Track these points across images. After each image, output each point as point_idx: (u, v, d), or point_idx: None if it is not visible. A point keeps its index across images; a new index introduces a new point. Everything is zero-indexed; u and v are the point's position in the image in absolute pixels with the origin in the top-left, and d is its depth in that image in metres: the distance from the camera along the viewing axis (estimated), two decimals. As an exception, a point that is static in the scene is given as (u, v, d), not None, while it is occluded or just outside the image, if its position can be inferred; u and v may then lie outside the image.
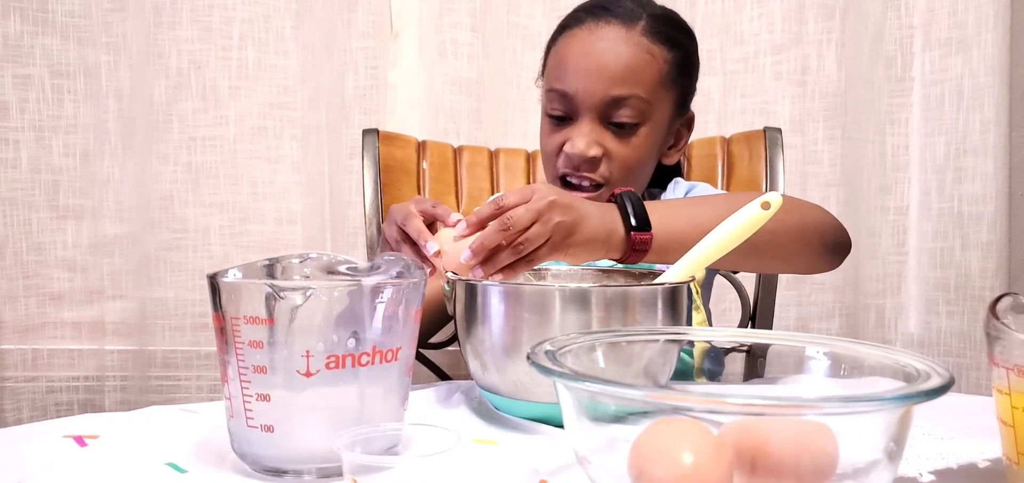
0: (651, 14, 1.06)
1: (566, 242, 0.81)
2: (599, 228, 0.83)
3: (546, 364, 0.51)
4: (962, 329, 1.66)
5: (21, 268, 1.60)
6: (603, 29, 1.04)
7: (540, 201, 0.79)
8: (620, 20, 1.04)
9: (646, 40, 1.04)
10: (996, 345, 0.54)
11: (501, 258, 0.79)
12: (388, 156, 1.34)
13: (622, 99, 1.02)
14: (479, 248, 0.79)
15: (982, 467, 0.62)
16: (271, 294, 0.58)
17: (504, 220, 0.78)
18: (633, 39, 1.03)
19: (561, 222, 0.80)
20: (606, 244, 0.84)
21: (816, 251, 0.98)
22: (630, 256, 0.85)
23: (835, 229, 0.99)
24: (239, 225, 1.63)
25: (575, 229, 0.81)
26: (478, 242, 0.79)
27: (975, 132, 1.63)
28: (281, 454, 0.60)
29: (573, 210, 0.81)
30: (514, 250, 0.79)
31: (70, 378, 1.63)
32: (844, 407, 0.46)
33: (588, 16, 1.06)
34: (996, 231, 1.62)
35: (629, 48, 1.03)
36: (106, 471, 0.61)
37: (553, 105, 1.06)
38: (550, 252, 0.80)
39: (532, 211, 0.79)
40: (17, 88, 1.57)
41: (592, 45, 1.04)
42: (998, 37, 1.60)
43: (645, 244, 0.85)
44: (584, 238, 0.82)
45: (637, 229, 0.84)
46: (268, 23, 1.61)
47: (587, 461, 0.52)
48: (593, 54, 1.03)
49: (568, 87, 1.04)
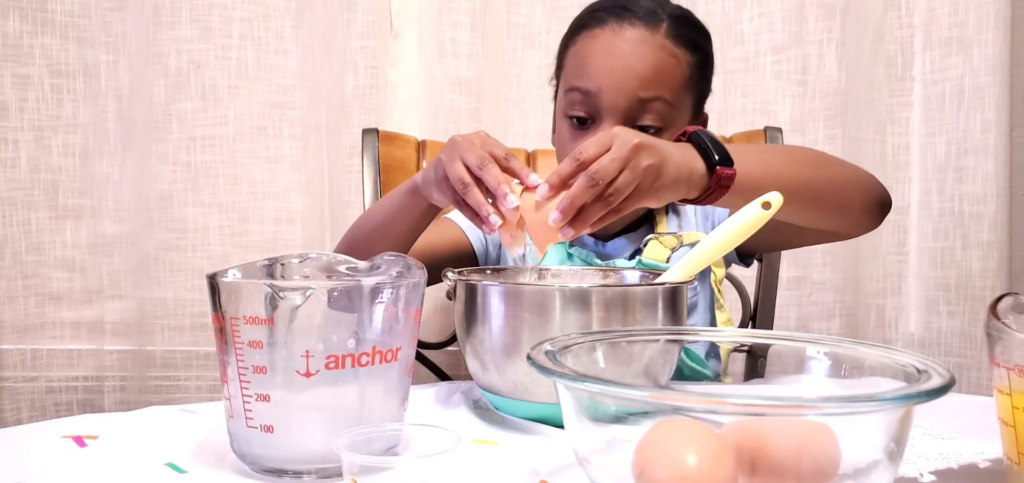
0: (671, 15, 1.04)
1: (654, 186, 0.79)
2: (682, 167, 0.81)
3: (546, 364, 0.51)
4: (963, 329, 1.66)
5: (20, 268, 1.60)
6: (627, 30, 1.02)
7: (624, 147, 0.77)
8: (643, 22, 1.02)
9: (670, 43, 1.02)
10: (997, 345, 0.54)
11: (591, 213, 0.77)
12: (388, 156, 1.34)
13: (647, 102, 1.00)
14: (568, 207, 0.76)
15: (983, 467, 0.62)
16: (271, 294, 0.58)
17: (592, 175, 0.76)
18: (657, 41, 1.01)
19: (650, 165, 0.78)
20: (688, 183, 0.82)
21: (868, 204, 0.98)
22: (712, 194, 0.84)
23: (879, 185, 1.00)
24: (238, 225, 1.63)
25: (662, 171, 0.79)
26: (566, 201, 0.76)
27: (976, 132, 1.63)
28: (281, 454, 0.60)
29: (657, 151, 0.79)
30: (604, 203, 0.77)
31: (69, 378, 1.63)
32: (845, 407, 0.46)
33: (609, 16, 1.03)
34: (997, 231, 1.62)
35: (654, 51, 1.01)
36: (105, 471, 0.61)
37: (575, 107, 1.03)
38: (639, 198, 0.78)
39: (619, 159, 0.76)
40: (16, 88, 1.57)
41: (617, 46, 1.02)
42: (999, 36, 1.60)
43: (729, 180, 0.83)
44: (670, 179, 0.80)
45: (721, 164, 0.82)
46: (267, 22, 1.61)
47: (587, 461, 0.51)
48: (618, 55, 1.01)
49: (591, 87, 1.01)
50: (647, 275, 0.87)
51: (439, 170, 0.85)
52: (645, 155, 0.77)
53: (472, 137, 0.84)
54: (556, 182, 0.78)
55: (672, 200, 0.83)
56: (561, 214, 0.76)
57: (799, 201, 0.82)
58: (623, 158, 0.76)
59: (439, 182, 0.86)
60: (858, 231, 1.03)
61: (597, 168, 0.76)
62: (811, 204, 0.92)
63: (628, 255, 1.09)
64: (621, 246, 1.10)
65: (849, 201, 0.96)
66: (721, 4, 1.65)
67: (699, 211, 1.14)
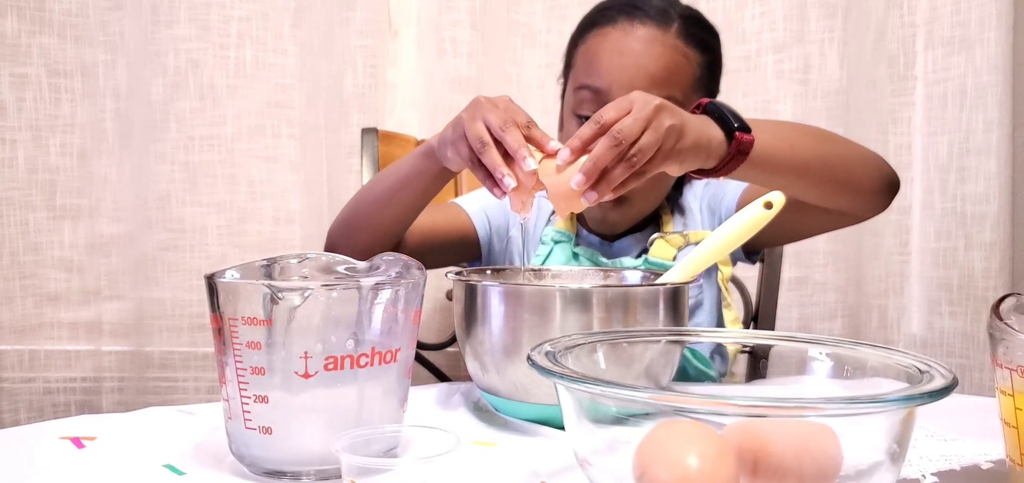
0: (682, 15, 1.04)
1: (677, 147, 0.78)
2: (702, 133, 0.81)
3: (546, 365, 0.50)
4: (965, 330, 1.66)
5: (18, 268, 1.59)
6: (638, 29, 1.02)
7: (646, 107, 0.76)
8: (654, 21, 1.02)
9: (681, 42, 1.02)
10: (999, 346, 0.53)
11: (615, 175, 0.76)
12: (387, 155, 1.34)
13: None
14: (592, 169, 0.75)
15: (985, 468, 0.62)
16: (269, 295, 0.58)
17: (615, 134, 0.75)
18: (668, 41, 1.01)
19: (672, 125, 0.77)
20: (707, 149, 0.82)
21: (878, 183, 0.97)
22: (731, 161, 0.83)
23: (888, 166, 0.99)
24: (237, 225, 1.63)
25: (684, 132, 0.79)
26: (590, 163, 0.75)
27: (978, 131, 1.62)
28: (279, 456, 0.60)
29: (678, 113, 0.79)
30: (628, 164, 0.76)
31: (67, 379, 1.63)
32: (847, 408, 0.46)
33: (620, 14, 1.03)
34: (999, 231, 1.62)
35: (665, 50, 1.01)
36: (103, 473, 0.61)
37: (584, 105, 1.03)
38: (662, 160, 0.78)
39: (641, 119, 0.76)
40: (14, 87, 1.57)
41: (628, 45, 1.01)
42: (1001, 36, 1.59)
43: (749, 146, 0.83)
44: (691, 142, 0.80)
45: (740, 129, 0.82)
46: (266, 21, 1.61)
47: (587, 463, 0.51)
48: (629, 54, 1.01)
49: (602, 84, 1.01)
50: (649, 274, 0.86)
51: (458, 128, 0.84)
52: (667, 115, 0.77)
53: (496, 100, 0.84)
54: (577, 146, 0.77)
55: (693, 167, 0.82)
56: (585, 177, 0.75)
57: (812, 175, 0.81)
58: (646, 118, 0.76)
59: (456, 140, 0.84)
60: (868, 211, 1.01)
61: (619, 128, 0.75)
62: (823, 179, 0.92)
63: (635, 255, 1.08)
64: (627, 245, 1.10)
65: (860, 178, 0.95)
66: (722, 3, 1.65)
67: (706, 208, 1.13)
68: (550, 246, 1.08)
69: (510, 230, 1.15)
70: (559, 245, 1.07)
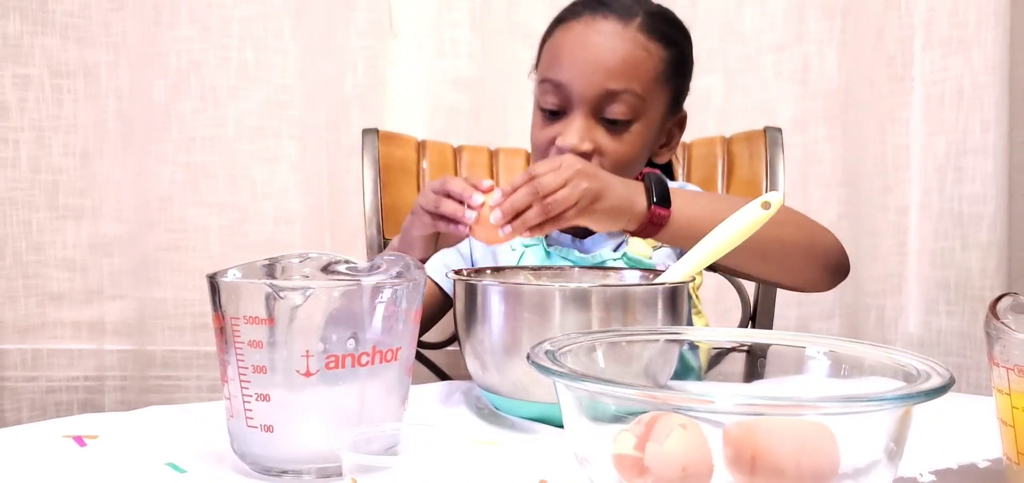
0: (648, 11, 1.06)
1: (592, 207, 0.88)
2: (623, 198, 0.91)
3: (546, 364, 0.51)
4: (962, 329, 1.66)
5: (21, 268, 1.59)
6: (600, 23, 1.04)
7: (568, 169, 0.87)
8: (617, 15, 1.04)
9: (642, 36, 1.04)
10: (996, 345, 0.54)
11: (529, 216, 0.86)
12: (388, 156, 1.34)
13: (616, 94, 1.02)
14: (508, 209, 0.86)
15: (982, 467, 0.62)
16: (271, 294, 0.58)
17: (534, 184, 0.86)
18: (629, 34, 1.03)
19: (588, 188, 0.87)
20: (628, 214, 0.91)
21: (819, 269, 1.03)
22: (647, 229, 0.92)
23: (839, 252, 1.04)
24: (238, 225, 1.63)
25: (601, 196, 0.88)
26: (507, 204, 0.86)
27: (975, 132, 1.63)
28: (281, 454, 0.60)
29: (599, 179, 0.89)
30: (542, 210, 0.86)
31: (70, 378, 1.63)
32: (844, 407, 0.46)
33: (585, 10, 1.06)
34: (996, 231, 1.62)
35: (625, 43, 1.03)
36: (106, 471, 0.61)
37: (546, 97, 1.06)
38: (577, 215, 0.87)
39: (561, 177, 0.86)
40: (17, 88, 1.57)
41: (588, 38, 1.03)
42: (998, 36, 1.60)
43: (663, 219, 0.92)
44: (608, 205, 0.89)
45: (658, 204, 0.91)
46: (267, 22, 1.61)
47: (587, 461, 0.51)
48: (589, 47, 1.03)
49: (562, 78, 1.04)
50: (645, 275, 0.87)
51: (413, 213, 0.96)
52: (586, 180, 0.87)
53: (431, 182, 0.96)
54: (508, 190, 0.87)
55: (612, 228, 0.92)
56: (501, 214, 0.86)
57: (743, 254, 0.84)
58: (565, 177, 0.86)
59: (415, 218, 0.96)
60: (808, 290, 1.10)
61: (541, 181, 0.86)
62: (756, 259, 0.98)
63: (613, 249, 1.09)
64: (599, 240, 1.10)
65: (796, 264, 1.01)
66: (721, 3, 1.65)
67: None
68: (521, 251, 1.08)
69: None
70: (530, 248, 1.08)
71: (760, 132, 1.36)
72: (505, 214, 0.86)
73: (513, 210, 0.86)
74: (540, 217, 0.86)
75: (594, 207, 0.88)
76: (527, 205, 0.86)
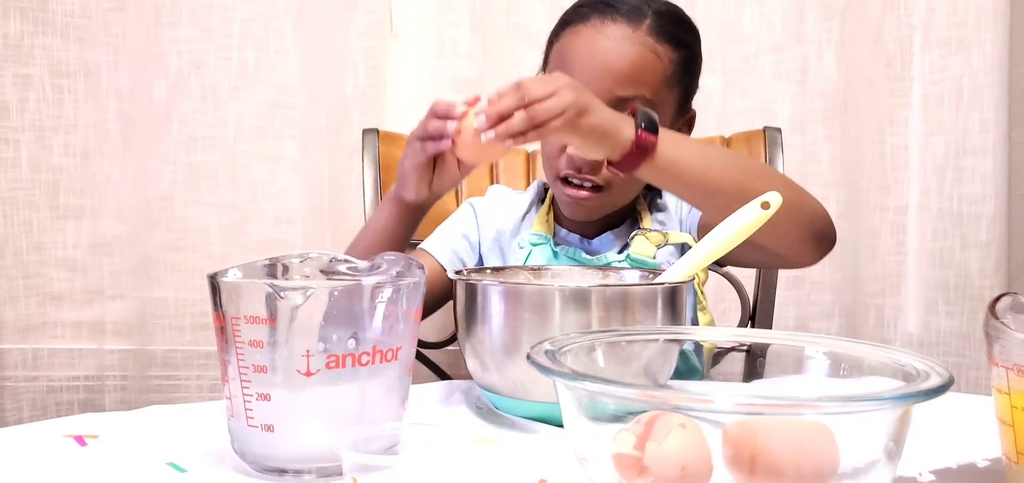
0: (656, 12, 1.04)
1: (577, 120, 0.85)
2: (610, 120, 0.88)
3: (546, 364, 0.51)
4: (961, 329, 1.66)
5: (21, 268, 1.60)
6: (609, 27, 1.02)
7: (558, 80, 0.86)
8: (625, 18, 1.02)
9: (652, 39, 1.02)
10: (995, 345, 0.54)
11: (514, 123, 0.84)
12: (388, 156, 1.34)
13: (627, 100, 1.00)
14: (493, 112, 0.84)
15: (981, 467, 0.63)
16: (271, 294, 0.58)
17: (520, 86, 0.84)
18: (639, 38, 1.01)
19: (575, 100, 0.85)
20: (614, 138, 0.88)
21: (805, 235, 0.97)
22: (632, 156, 0.89)
23: (825, 219, 0.99)
24: (239, 225, 1.63)
25: (587, 111, 0.86)
26: (492, 108, 0.84)
27: (974, 132, 1.63)
28: (281, 454, 0.60)
29: (587, 96, 0.87)
30: (528, 117, 0.83)
31: (70, 378, 1.63)
32: (843, 407, 0.46)
33: (593, 12, 1.04)
34: (995, 231, 1.62)
35: (634, 48, 1.01)
36: (106, 471, 0.62)
37: None
38: (563, 126, 0.85)
39: (549, 86, 0.85)
40: (17, 88, 1.57)
41: (597, 43, 1.02)
42: (998, 36, 1.60)
43: (649, 145, 0.88)
44: (594, 122, 0.87)
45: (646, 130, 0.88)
46: (268, 23, 1.61)
47: (587, 461, 0.52)
48: (598, 53, 1.01)
49: None
50: (646, 275, 0.87)
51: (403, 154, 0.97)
52: (575, 93, 0.85)
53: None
54: (494, 98, 0.86)
55: (596, 152, 0.89)
56: (486, 118, 0.84)
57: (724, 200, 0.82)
58: (554, 87, 0.85)
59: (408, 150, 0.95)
60: (790, 258, 1.02)
61: (527, 87, 0.84)
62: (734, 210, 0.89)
63: (617, 251, 1.08)
64: (607, 241, 1.10)
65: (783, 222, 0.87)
66: (721, 3, 1.65)
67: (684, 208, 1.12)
68: (528, 249, 1.08)
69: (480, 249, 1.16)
70: (538, 247, 1.07)
71: (759, 132, 1.36)
72: (489, 118, 0.84)
73: (497, 114, 0.84)
74: (525, 124, 0.84)
75: (579, 121, 0.86)
76: (512, 111, 0.84)
